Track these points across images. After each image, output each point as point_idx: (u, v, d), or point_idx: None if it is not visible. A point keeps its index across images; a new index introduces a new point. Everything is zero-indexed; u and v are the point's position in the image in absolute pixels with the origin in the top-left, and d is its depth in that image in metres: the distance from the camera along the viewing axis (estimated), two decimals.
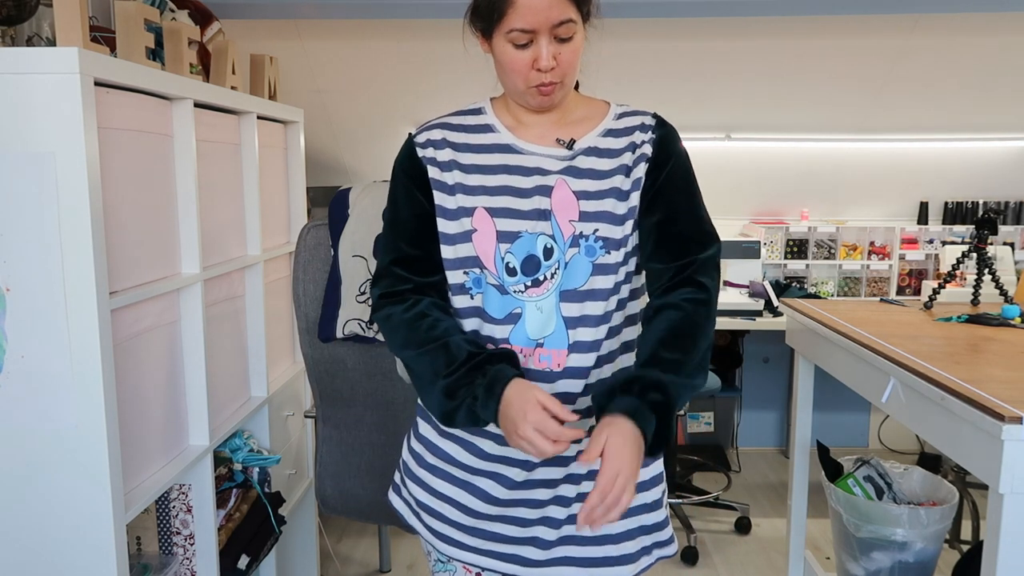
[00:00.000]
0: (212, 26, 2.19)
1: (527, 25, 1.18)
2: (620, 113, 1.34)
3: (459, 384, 1.22)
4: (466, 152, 1.31)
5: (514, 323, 1.26)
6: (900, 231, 3.91)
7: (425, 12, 2.76)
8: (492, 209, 1.26)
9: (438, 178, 1.30)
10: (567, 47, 1.22)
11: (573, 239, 1.26)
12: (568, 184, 1.27)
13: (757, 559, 3.07)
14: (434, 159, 1.31)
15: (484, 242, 1.26)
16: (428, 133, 1.33)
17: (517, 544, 1.32)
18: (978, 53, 3.27)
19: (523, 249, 1.26)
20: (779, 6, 2.77)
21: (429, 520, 1.37)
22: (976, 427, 1.48)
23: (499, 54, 1.24)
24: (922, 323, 2.21)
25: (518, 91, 1.26)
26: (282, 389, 2.39)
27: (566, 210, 1.26)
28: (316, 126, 3.62)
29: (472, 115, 1.35)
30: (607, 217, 1.26)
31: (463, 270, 1.28)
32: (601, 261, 1.26)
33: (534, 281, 1.26)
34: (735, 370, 3.89)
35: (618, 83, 3.17)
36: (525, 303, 1.26)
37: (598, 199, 1.27)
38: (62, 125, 1.34)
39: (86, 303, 1.38)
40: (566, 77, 1.25)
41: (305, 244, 2.04)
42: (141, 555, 1.87)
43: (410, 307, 1.29)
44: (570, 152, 1.29)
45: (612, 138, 1.31)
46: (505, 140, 1.31)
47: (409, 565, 3.02)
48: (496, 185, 1.28)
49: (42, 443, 1.43)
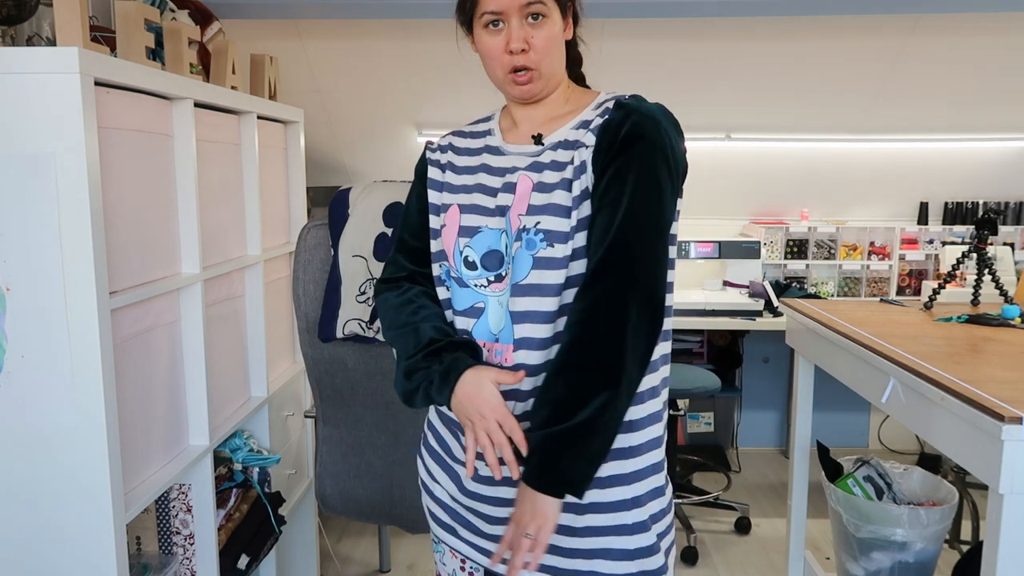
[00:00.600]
0: (212, 26, 2.19)
1: (496, 7, 1.22)
2: (600, 102, 1.28)
3: (417, 367, 1.27)
4: (463, 155, 1.37)
5: (477, 317, 1.29)
6: (900, 231, 3.91)
7: (425, 12, 2.77)
8: (463, 206, 1.31)
9: (434, 177, 1.37)
10: (540, 32, 1.22)
11: (518, 233, 1.23)
12: (530, 178, 1.25)
13: (757, 559, 3.07)
14: (437, 161, 1.38)
15: (448, 237, 1.31)
16: (441, 139, 1.41)
17: (489, 540, 1.33)
18: (978, 53, 3.27)
19: (483, 244, 1.27)
20: (779, 6, 2.77)
21: (424, 497, 1.45)
22: (976, 427, 1.48)
23: (479, 45, 1.27)
24: (922, 323, 2.21)
25: (499, 82, 1.28)
26: (282, 389, 2.39)
27: (519, 205, 1.24)
28: (316, 126, 3.62)
29: (482, 122, 1.41)
30: (552, 209, 1.21)
31: (439, 263, 1.35)
32: (543, 255, 1.20)
33: (497, 276, 1.26)
34: (735, 370, 3.89)
35: (618, 83, 3.16)
36: (488, 298, 1.28)
37: (549, 192, 1.22)
38: (62, 125, 1.34)
39: (86, 303, 1.38)
40: (541, 64, 1.24)
41: (305, 244, 2.04)
42: (141, 555, 1.87)
43: (402, 293, 1.36)
44: (539, 148, 1.29)
45: (583, 129, 1.25)
46: (494, 142, 1.35)
47: (409, 565, 3.02)
48: (473, 184, 1.32)
49: (42, 443, 1.43)
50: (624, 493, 1.26)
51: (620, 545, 1.26)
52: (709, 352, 3.90)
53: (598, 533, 1.26)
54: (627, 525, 1.26)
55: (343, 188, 2.06)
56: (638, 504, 1.27)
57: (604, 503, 1.25)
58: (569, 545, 1.27)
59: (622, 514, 1.26)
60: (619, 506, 1.25)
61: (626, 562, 1.26)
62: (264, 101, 2.27)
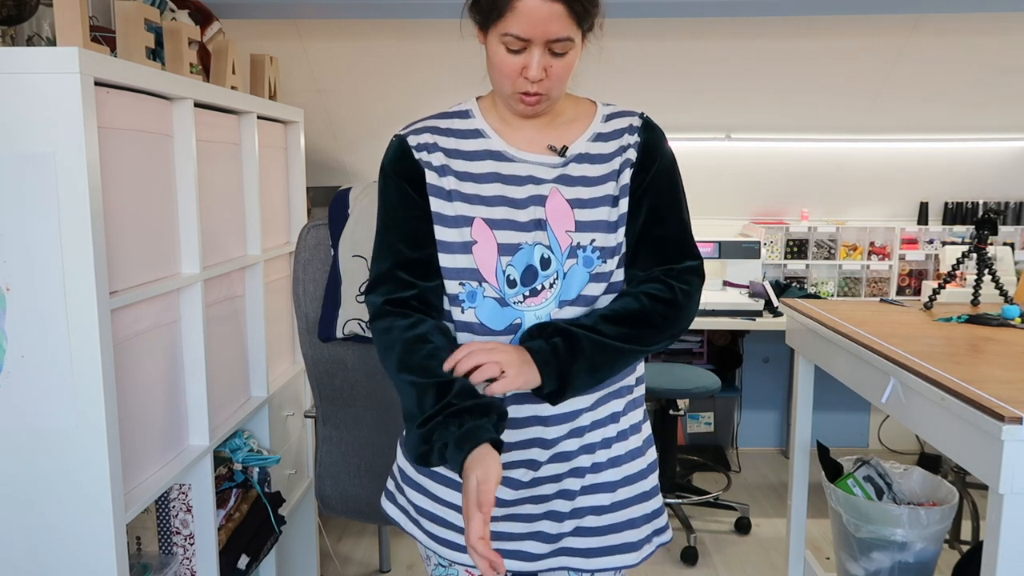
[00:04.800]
0: (212, 26, 2.19)
1: (523, 33, 1.16)
2: (608, 115, 1.33)
3: (434, 428, 1.17)
4: (457, 159, 1.28)
5: (514, 334, 1.26)
6: (900, 231, 3.91)
7: (425, 12, 2.76)
8: (491, 220, 1.25)
9: (435, 183, 1.27)
10: (559, 61, 1.20)
11: (571, 250, 1.25)
12: (561, 193, 1.26)
13: (757, 559, 3.07)
14: (430, 163, 1.28)
15: (485, 255, 1.25)
16: (418, 136, 1.30)
17: (520, 540, 1.33)
18: (978, 53, 3.27)
19: (523, 261, 1.25)
20: (779, 6, 2.77)
21: (430, 526, 1.35)
22: (976, 427, 1.48)
23: (491, 52, 1.21)
24: (922, 323, 2.21)
25: (503, 93, 1.25)
26: (282, 389, 2.39)
27: (562, 220, 1.26)
28: (316, 126, 3.62)
29: (459, 118, 1.32)
30: (603, 226, 1.27)
31: (459, 281, 1.26)
32: (598, 271, 1.27)
33: (532, 291, 1.26)
34: (735, 370, 3.89)
35: (618, 83, 3.16)
36: (524, 313, 1.26)
37: (592, 207, 1.27)
38: (62, 125, 1.34)
39: (86, 303, 1.38)
40: (553, 90, 1.23)
41: (305, 244, 2.04)
42: (141, 555, 1.87)
43: (412, 326, 1.24)
44: (562, 159, 1.28)
45: (602, 143, 1.30)
46: (496, 147, 1.29)
47: (409, 565, 3.02)
48: (492, 195, 1.26)
49: (42, 443, 1.43)
50: (641, 464, 1.37)
51: (640, 512, 1.36)
52: (709, 352, 3.90)
53: (625, 505, 1.34)
54: (645, 492, 1.37)
55: (343, 188, 2.06)
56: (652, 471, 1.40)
57: (633, 474, 1.36)
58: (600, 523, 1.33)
59: (641, 483, 1.37)
60: (638, 476, 1.37)
61: (645, 525, 1.37)
62: (264, 101, 2.27)
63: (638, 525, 1.35)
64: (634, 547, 1.34)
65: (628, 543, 1.34)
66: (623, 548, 1.34)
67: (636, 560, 1.34)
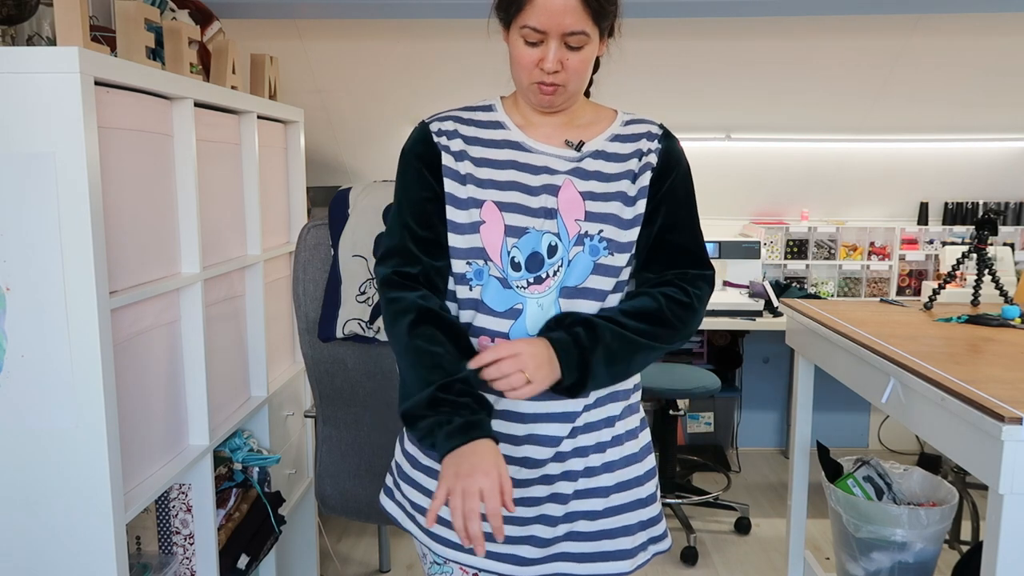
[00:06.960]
0: (212, 26, 2.19)
1: (539, 25, 1.21)
2: (627, 120, 1.38)
3: (442, 404, 1.19)
4: (476, 145, 1.33)
5: (515, 318, 1.28)
6: (900, 231, 3.91)
7: (425, 12, 2.76)
8: (501, 203, 1.28)
9: (451, 166, 1.31)
10: (576, 55, 1.24)
11: (578, 238, 1.28)
12: (575, 184, 1.30)
13: (757, 559, 3.07)
14: (448, 147, 1.32)
15: (491, 235, 1.28)
16: (441, 123, 1.35)
17: (514, 544, 1.32)
18: (978, 53, 3.27)
19: (528, 245, 1.28)
20: (779, 6, 2.77)
21: (425, 522, 1.36)
22: (976, 427, 1.48)
23: (511, 46, 1.27)
24: (922, 323, 2.21)
25: (522, 86, 1.30)
26: (282, 389, 2.39)
27: (572, 210, 1.29)
28: (316, 126, 3.62)
29: (483, 111, 1.38)
30: (613, 220, 1.30)
31: (467, 260, 1.30)
32: (603, 262, 1.29)
33: (536, 278, 1.28)
34: (735, 370, 3.89)
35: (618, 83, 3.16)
36: (527, 299, 1.28)
37: (604, 201, 1.30)
38: (62, 125, 1.34)
39: (86, 303, 1.38)
40: (570, 83, 1.27)
41: (305, 244, 2.04)
42: (141, 555, 1.87)
43: (422, 298, 1.27)
44: (578, 154, 1.32)
45: (619, 143, 1.34)
46: (515, 137, 1.34)
47: (409, 565, 3.02)
48: (505, 180, 1.30)
49: (42, 443, 1.43)
50: (638, 470, 1.38)
51: (636, 519, 1.37)
52: (709, 352, 3.90)
53: (619, 511, 1.35)
54: (641, 499, 1.38)
55: (343, 188, 2.06)
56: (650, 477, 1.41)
57: (628, 480, 1.37)
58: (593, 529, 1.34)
59: (636, 490, 1.38)
60: (634, 482, 1.38)
61: (640, 533, 1.38)
62: (264, 101, 2.27)
63: (633, 532, 1.35)
64: (628, 554, 1.34)
65: (622, 550, 1.34)
66: (617, 555, 1.33)
67: (630, 567, 1.34)
